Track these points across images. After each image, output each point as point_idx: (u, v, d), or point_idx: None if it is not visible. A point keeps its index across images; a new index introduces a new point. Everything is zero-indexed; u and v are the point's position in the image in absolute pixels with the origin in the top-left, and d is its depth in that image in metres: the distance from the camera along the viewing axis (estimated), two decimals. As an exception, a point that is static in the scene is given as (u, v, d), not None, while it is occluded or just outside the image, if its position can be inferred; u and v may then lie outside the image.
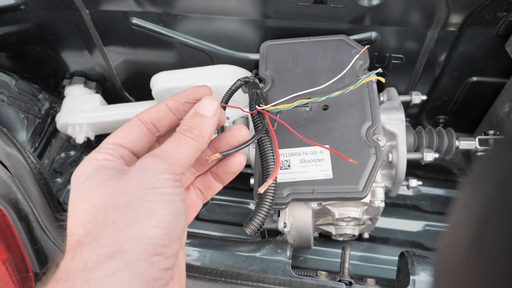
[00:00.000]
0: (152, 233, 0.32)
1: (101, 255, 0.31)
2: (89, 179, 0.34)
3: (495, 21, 0.70)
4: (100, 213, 0.32)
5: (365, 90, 0.66)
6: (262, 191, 0.51)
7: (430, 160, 0.72)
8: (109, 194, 0.33)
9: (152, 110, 0.42)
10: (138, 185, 0.33)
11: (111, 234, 0.31)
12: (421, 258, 0.61)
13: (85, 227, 0.32)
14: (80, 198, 0.34)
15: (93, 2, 0.81)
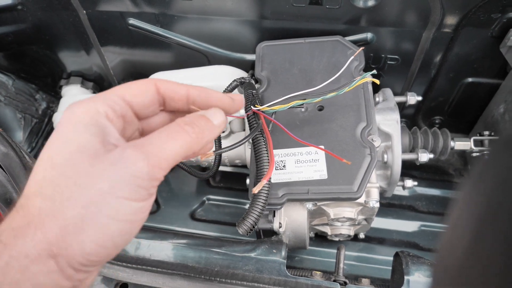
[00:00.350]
0: (89, 250, 0.30)
1: (42, 250, 0.29)
2: (73, 144, 0.31)
3: (489, 23, 0.70)
4: (60, 200, 0.30)
5: (360, 91, 0.66)
6: (256, 191, 0.51)
7: (425, 160, 0.72)
8: (78, 182, 0.30)
9: (173, 85, 0.38)
10: (107, 183, 0.30)
11: (58, 231, 0.29)
12: (416, 258, 0.61)
13: (41, 203, 0.30)
14: (53, 160, 0.31)
15: (90, 3, 0.81)
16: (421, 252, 0.84)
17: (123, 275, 0.61)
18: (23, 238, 0.29)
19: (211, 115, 0.38)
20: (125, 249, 0.65)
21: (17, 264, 0.28)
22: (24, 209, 0.30)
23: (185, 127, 0.35)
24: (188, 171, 0.80)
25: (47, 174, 0.31)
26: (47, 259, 0.29)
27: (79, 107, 0.33)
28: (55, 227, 0.29)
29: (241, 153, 0.80)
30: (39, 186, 0.31)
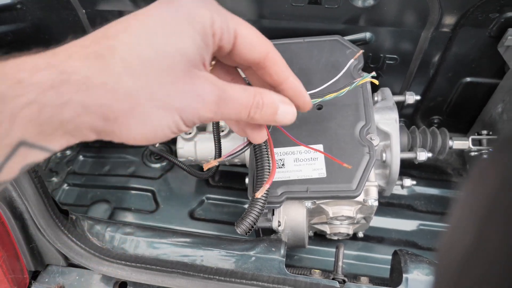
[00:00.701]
0: (133, 136, 0.32)
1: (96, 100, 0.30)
2: (180, 49, 0.32)
3: (487, 22, 0.70)
4: (139, 88, 0.31)
5: (359, 90, 0.67)
6: (259, 196, 0.51)
7: (423, 159, 0.72)
8: (163, 85, 0.32)
9: (256, 40, 0.38)
10: (178, 103, 0.33)
11: (125, 104, 0.31)
12: (414, 256, 0.61)
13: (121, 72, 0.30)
14: (156, 50, 0.31)
15: (89, 2, 0.81)
16: (419, 251, 0.84)
17: (122, 274, 0.61)
18: (92, 92, 0.29)
19: (283, 113, 0.40)
20: (124, 248, 0.66)
21: (73, 108, 0.28)
22: (105, 66, 0.30)
23: (255, 109, 0.37)
24: (188, 170, 0.81)
25: (143, 56, 0.31)
26: (100, 119, 0.30)
27: (206, 10, 0.33)
28: (126, 104, 0.30)
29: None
30: (127, 53, 0.30)
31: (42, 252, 0.66)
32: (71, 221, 0.67)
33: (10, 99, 0.26)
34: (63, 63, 0.28)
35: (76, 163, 1.05)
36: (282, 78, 0.40)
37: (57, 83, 0.27)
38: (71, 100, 0.28)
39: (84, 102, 0.29)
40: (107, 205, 0.95)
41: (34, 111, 0.27)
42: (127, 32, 0.31)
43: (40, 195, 0.61)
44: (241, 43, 0.37)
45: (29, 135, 0.27)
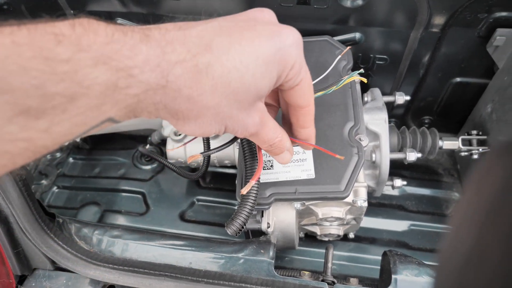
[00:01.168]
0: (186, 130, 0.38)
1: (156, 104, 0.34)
2: (259, 81, 0.36)
3: (476, 22, 0.71)
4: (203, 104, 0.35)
5: (348, 90, 0.66)
6: (245, 192, 0.51)
7: (413, 160, 0.72)
8: (224, 109, 0.37)
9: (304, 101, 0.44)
10: (228, 122, 0.38)
11: (185, 106, 0.35)
12: (403, 257, 0.61)
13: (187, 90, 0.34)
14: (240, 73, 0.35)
15: (77, 3, 0.80)
16: (410, 251, 0.84)
17: (109, 277, 0.61)
18: (180, 98, 0.34)
19: (282, 157, 0.48)
20: (112, 251, 0.65)
21: (159, 105, 0.33)
22: (197, 75, 0.33)
23: (269, 145, 0.45)
24: (177, 171, 0.80)
25: (229, 86, 0.35)
26: (169, 115, 0.35)
27: (294, 58, 0.38)
28: (192, 107, 0.34)
29: (230, 154, 0.79)
30: (214, 83, 0.34)
31: (29, 256, 0.65)
32: (57, 225, 0.67)
33: (119, 89, 0.30)
34: (168, 68, 0.32)
35: (66, 165, 1.04)
36: (305, 126, 0.47)
37: (158, 87, 0.32)
38: (160, 101, 0.33)
39: (167, 104, 0.33)
40: (97, 207, 0.95)
41: (132, 103, 0.31)
42: (228, 54, 0.34)
43: (24, 199, 0.60)
44: (297, 91, 0.41)
45: (118, 116, 0.32)
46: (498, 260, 0.20)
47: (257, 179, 0.51)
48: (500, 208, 0.21)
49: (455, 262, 0.23)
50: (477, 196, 0.24)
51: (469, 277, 0.22)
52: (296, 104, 0.44)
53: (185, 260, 0.63)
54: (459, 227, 0.25)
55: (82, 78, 0.27)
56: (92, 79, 0.28)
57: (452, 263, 0.24)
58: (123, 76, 0.30)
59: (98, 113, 0.30)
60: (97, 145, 1.06)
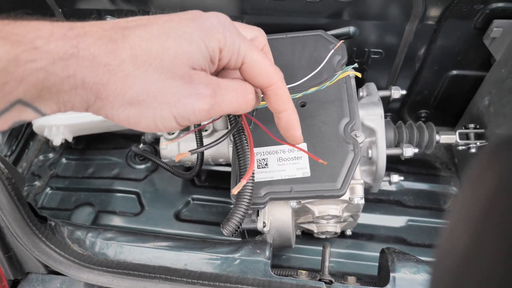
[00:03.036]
0: (122, 116, 0.34)
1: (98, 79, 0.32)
2: (185, 53, 0.34)
3: (472, 14, 0.69)
4: (139, 73, 0.33)
5: (343, 86, 0.65)
6: (235, 192, 0.50)
7: (410, 155, 0.71)
8: (163, 79, 0.34)
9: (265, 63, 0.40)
10: (173, 97, 0.34)
11: (122, 84, 0.33)
12: (401, 255, 0.60)
13: (129, 61, 0.32)
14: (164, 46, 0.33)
15: (65, 0, 0.78)
16: (408, 247, 0.84)
17: (103, 280, 0.60)
18: (93, 70, 0.31)
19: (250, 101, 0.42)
20: (105, 254, 0.64)
21: (73, 81, 0.30)
22: (113, 53, 0.31)
23: (250, 96, 0.40)
24: (171, 171, 0.79)
25: (151, 52, 0.33)
26: (92, 94, 0.32)
27: (222, 35, 0.35)
28: (120, 85, 0.32)
29: (224, 152, 0.78)
30: (138, 45, 0.32)
31: (22, 260, 0.64)
32: (49, 228, 0.65)
33: (23, 63, 0.28)
34: (77, 38, 0.30)
35: (59, 166, 1.02)
36: (279, 109, 0.43)
37: (67, 56, 0.29)
38: (74, 74, 0.30)
39: (84, 78, 0.31)
40: (91, 208, 0.93)
41: (40, 77, 0.29)
42: (145, 28, 0.33)
43: (14, 203, 0.58)
44: (247, 69, 0.39)
45: (28, 97, 0.29)
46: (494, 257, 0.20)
47: (248, 178, 0.50)
48: (497, 205, 0.21)
49: (451, 259, 0.23)
50: (474, 193, 0.24)
51: (465, 274, 0.22)
52: (258, 85, 0.41)
53: (180, 262, 0.62)
54: (455, 224, 0.25)
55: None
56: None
57: (449, 260, 0.24)
58: (26, 49, 0.28)
59: (2, 93, 0.28)
60: (90, 145, 1.04)
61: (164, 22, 0.34)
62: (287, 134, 0.46)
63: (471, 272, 0.21)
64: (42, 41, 0.28)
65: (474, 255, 0.21)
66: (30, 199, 0.97)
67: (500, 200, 0.21)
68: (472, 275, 0.21)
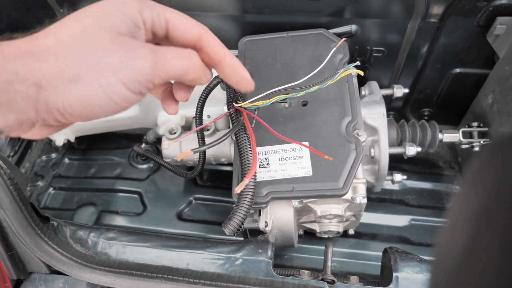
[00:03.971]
0: (72, 103, 0.34)
1: (33, 75, 0.32)
2: (106, 22, 0.35)
3: (475, 11, 0.69)
4: (70, 52, 0.33)
5: (344, 84, 0.65)
6: (238, 191, 0.50)
7: (413, 154, 0.71)
8: (94, 49, 0.34)
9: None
10: (115, 64, 0.34)
11: (55, 71, 0.33)
12: (404, 254, 0.60)
13: (53, 44, 0.33)
14: (85, 21, 0.35)
15: (66, 1, 0.78)
16: (411, 247, 0.83)
17: (105, 280, 0.60)
18: (22, 60, 0.31)
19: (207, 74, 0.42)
20: (107, 253, 0.64)
21: (5, 76, 0.30)
22: (37, 41, 0.32)
23: (193, 57, 0.39)
24: (173, 170, 0.79)
25: (73, 31, 0.34)
26: (32, 85, 0.31)
27: (133, 4, 0.36)
28: (54, 66, 0.32)
29: (226, 151, 0.78)
30: (59, 31, 0.33)
31: (24, 260, 0.64)
32: (52, 228, 0.66)
33: None
34: (4, 43, 0.32)
35: (62, 166, 1.02)
36: (218, 57, 0.42)
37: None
38: (4, 68, 0.30)
39: (15, 69, 0.31)
40: (93, 208, 0.94)
41: None
42: (62, 21, 0.35)
43: (16, 203, 0.59)
44: (174, 27, 0.39)
45: None
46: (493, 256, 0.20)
47: (251, 177, 0.50)
48: (496, 204, 0.21)
49: (451, 258, 0.23)
50: (473, 191, 0.24)
51: (464, 273, 0.22)
52: (187, 41, 0.40)
53: (182, 262, 0.62)
54: (455, 223, 0.24)
55: None
56: None
57: (448, 259, 0.24)
58: None
59: None
60: (92, 145, 1.04)
61: (78, 12, 0.36)
62: (238, 79, 0.43)
63: (471, 270, 0.21)
64: None
65: (473, 253, 0.21)
66: (33, 199, 0.98)
67: (500, 198, 0.21)
68: (471, 273, 0.21)
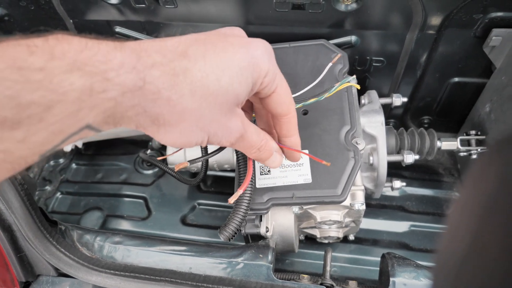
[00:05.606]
0: (166, 140, 0.38)
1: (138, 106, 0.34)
2: (237, 88, 0.38)
3: (472, 23, 0.70)
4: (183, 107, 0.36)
5: (344, 94, 0.67)
6: (232, 201, 0.52)
7: (410, 162, 0.72)
8: (205, 111, 0.38)
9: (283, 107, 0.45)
10: (212, 128, 0.39)
11: (166, 108, 0.36)
12: (402, 260, 0.61)
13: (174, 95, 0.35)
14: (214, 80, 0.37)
15: (76, 12, 0.81)
16: (411, 252, 0.84)
17: (111, 283, 0.62)
18: (159, 101, 0.34)
19: (273, 160, 0.49)
20: (113, 257, 0.66)
21: (135, 110, 0.33)
22: (173, 79, 0.34)
23: (257, 149, 0.46)
24: (177, 177, 0.81)
25: (205, 86, 0.36)
26: (149, 120, 0.35)
27: (267, 65, 0.40)
28: (175, 118, 0.35)
29: (229, 158, 0.80)
30: (194, 88, 0.35)
31: (33, 262, 0.66)
32: (60, 232, 0.68)
33: (96, 93, 0.30)
34: (145, 71, 0.32)
35: (69, 171, 1.05)
36: (288, 135, 0.48)
37: (135, 88, 0.32)
38: (139, 104, 0.33)
39: (146, 107, 0.33)
40: (100, 212, 0.96)
41: (109, 106, 0.31)
42: (204, 60, 0.36)
43: (26, 207, 0.61)
44: (274, 98, 0.43)
45: (96, 122, 0.32)
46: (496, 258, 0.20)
47: (245, 188, 0.52)
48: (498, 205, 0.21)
49: (452, 261, 0.23)
50: (474, 193, 0.24)
51: (467, 276, 0.22)
52: (276, 112, 0.45)
53: (185, 265, 0.63)
54: (456, 225, 0.24)
55: (57, 85, 0.28)
56: (67, 86, 0.28)
57: (450, 262, 0.24)
58: (98, 80, 0.30)
59: (75, 120, 0.30)
60: (99, 150, 1.07)
61: (221, 52, 0.37)
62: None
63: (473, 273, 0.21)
64: (113, 73, 0.30)
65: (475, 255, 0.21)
66: (41, 203, 1.00)
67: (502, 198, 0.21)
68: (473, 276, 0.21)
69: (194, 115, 0.36)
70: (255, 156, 0.47)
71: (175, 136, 0.37)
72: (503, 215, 0.21)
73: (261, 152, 0.47)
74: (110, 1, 0.76)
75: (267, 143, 0.46)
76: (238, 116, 0.41)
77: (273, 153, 0.48)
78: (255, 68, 0.39)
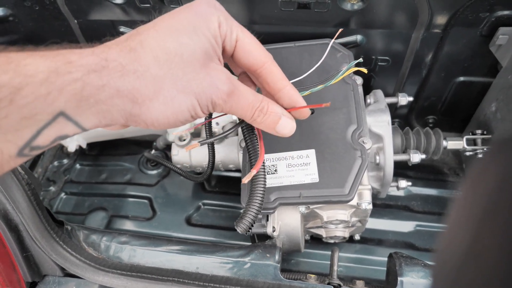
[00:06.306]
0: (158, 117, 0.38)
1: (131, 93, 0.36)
2: (197, 44, 0.38)
3: (478, 22, 0.70)
4: (163, 76, 0.36)
5: (350, 93, 0.67)
6: (246, 181, 0.51)
7: (417, 161, 0.72)
8: (185, 73, 0.37)
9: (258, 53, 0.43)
10: (198, 88, 0.38)
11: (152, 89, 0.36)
12: (409, 259, 0.61)
13: (154, 67, 0.36)
14: (176, 42, 0.37)
15: (81, 12, 0.81)
16: (417, 252, 0.84)
17: (118, 283, 0.62)
18: (124, 78, 0.34)
19: (283, 125, 0.46)
20: (119, 257, 0.66)
21: (108, 91, 0.34)
22: (135, 54, 0.35)
23: (259, 112, 0.43)
24: (182, 174, 0.81)
25: (169, 49, 0.36)
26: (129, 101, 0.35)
27: (216, 15, 0.39)
28: (152, 88, 0.36)
29: (234, 158, 0.80)
30: (156, 45, 0.36)
31: (39, 263, 0.66)
32: (66, 232, 0.68)
33: (62, 74, 0.31)
34: (103, 53, 0.34)
35: (73, 171, 1.05)
36: (278, 87, 0.45)
37: (99, 68, 0.33)
38: (108, 83, 0.33)
39: (118, 86, 0.34)
40: (104, 213, 0.96)
41: (78, 87, 0.32)
42: (155, 29, 0.37)
43: (33, 207, 0.61)
44: (240, 48, 0.42)
45: (69, 108, 0.32)
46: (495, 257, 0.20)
47: (258, 169, 0.51)
48: (497, 205, 0.21)
49: (452, 259, 0.23)
50: (474, 193, 0.24)
51: (466, 275, 0.22)
52: (250, 64, 0.43)
53: (191, 265, 0.63)
54: (456, 225, 0.25)
55: (24, 68, 0.29)
56: (34, 69, 0.30)
57: (450, 262, 0.24)
58: (62, 63, 0.31)
59: (45, 103, 0.30)
60: (103, 151, 1.07)
61: (169, 19, 0.38)
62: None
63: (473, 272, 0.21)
64: (75, 56, 0.32)
65: (475, 255, 0.21)
66: (46, 204, 1.00)
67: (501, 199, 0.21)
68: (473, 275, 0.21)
69: (168, 80, 0.36)
70: (261, 122, 0.44)
71: (161, 109, 0.37)
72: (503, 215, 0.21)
73: (266, 116, 0.44)
74: (115, 1, 0.76)
75: (269, 105, 0.44)
76: (218, 71, 0.39)
77: (281, 116, 0.45)
78: (206, 21, 0.39)
